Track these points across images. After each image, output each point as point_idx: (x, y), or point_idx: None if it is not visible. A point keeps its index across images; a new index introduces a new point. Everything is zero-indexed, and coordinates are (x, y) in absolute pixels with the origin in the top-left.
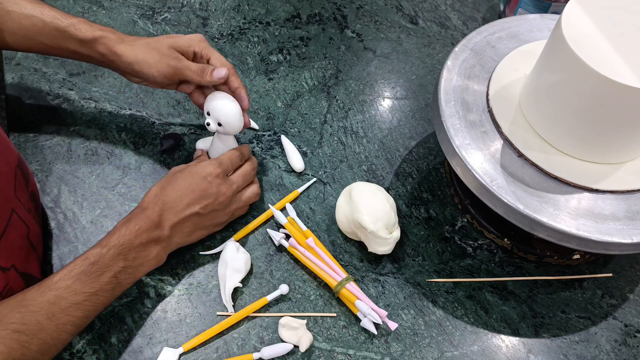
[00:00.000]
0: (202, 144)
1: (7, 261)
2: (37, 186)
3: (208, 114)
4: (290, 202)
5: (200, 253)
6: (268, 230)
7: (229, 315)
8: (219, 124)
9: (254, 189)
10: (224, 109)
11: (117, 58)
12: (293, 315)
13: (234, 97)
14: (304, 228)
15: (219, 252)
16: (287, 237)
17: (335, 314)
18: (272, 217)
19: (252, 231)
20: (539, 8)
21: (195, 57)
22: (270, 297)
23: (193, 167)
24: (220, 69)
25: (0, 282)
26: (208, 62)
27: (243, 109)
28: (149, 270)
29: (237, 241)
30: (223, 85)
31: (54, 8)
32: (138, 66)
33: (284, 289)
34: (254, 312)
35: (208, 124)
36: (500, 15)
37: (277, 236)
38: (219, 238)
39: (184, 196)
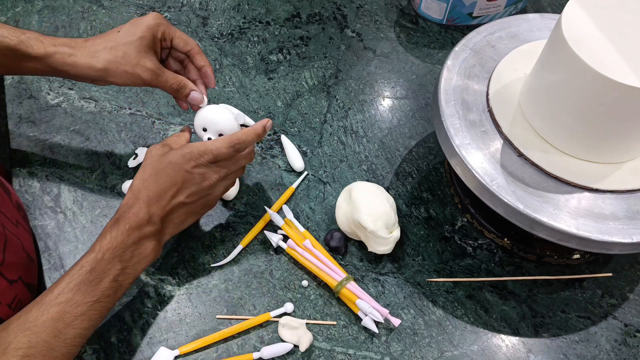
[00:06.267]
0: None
1: (14, 273)
2: (18, 195)
3: (204, 129)
4: (290, 201)
5: (212, 265)
6: (265, 232)
7: (228, 318)
8: (220, 135)
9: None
10: (221, 119)
11: (80, 71)
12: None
13: (200, 75)
14: (302, 229)
15: (230, 262)
16: (286, 238)
17: (334, 322)
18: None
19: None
20: None
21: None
22: (273, 313)
23: (173, 156)
24: (196, 94)
25: (10, 294)
26: (171, 42)
27: (209, 87)
28: (147, 266)
29: (245, 247)
30: (189, 64)
31: (4, 25)
32: (110, 77)
33: (289, 307)
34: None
35: (210, 139)
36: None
37: (275, 238)
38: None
39: (166, 189)
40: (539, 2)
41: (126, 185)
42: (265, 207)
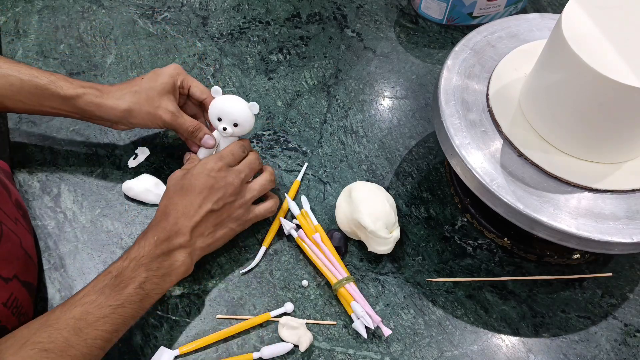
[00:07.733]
0: (202, 154)
1: (8, 271)
2: (19, 194)
3: (219, 119)
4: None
5: (241, 272)
6: (281, 218)
7: (228, 318)
8: (235, 125)
9: (266, 175)
10: (236, 109)
11: (105, 112)
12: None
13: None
14: (315, 222)
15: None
16: (298, 228)
17: (334, 322)
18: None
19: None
20: None
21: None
22: (273, 313)
23: (193, 169)
24: (209, 138)
25: (5, 292)
26: (189, 91)
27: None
28: (178, 280)
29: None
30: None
31: (31, 66)
32: (132, 118)
33: (289, 306)
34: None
35: (225, 129)
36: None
37: (288, 225)
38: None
39: (193, 199)
40: (539, 2)
41: (126, 185)
42: (285, 194)
